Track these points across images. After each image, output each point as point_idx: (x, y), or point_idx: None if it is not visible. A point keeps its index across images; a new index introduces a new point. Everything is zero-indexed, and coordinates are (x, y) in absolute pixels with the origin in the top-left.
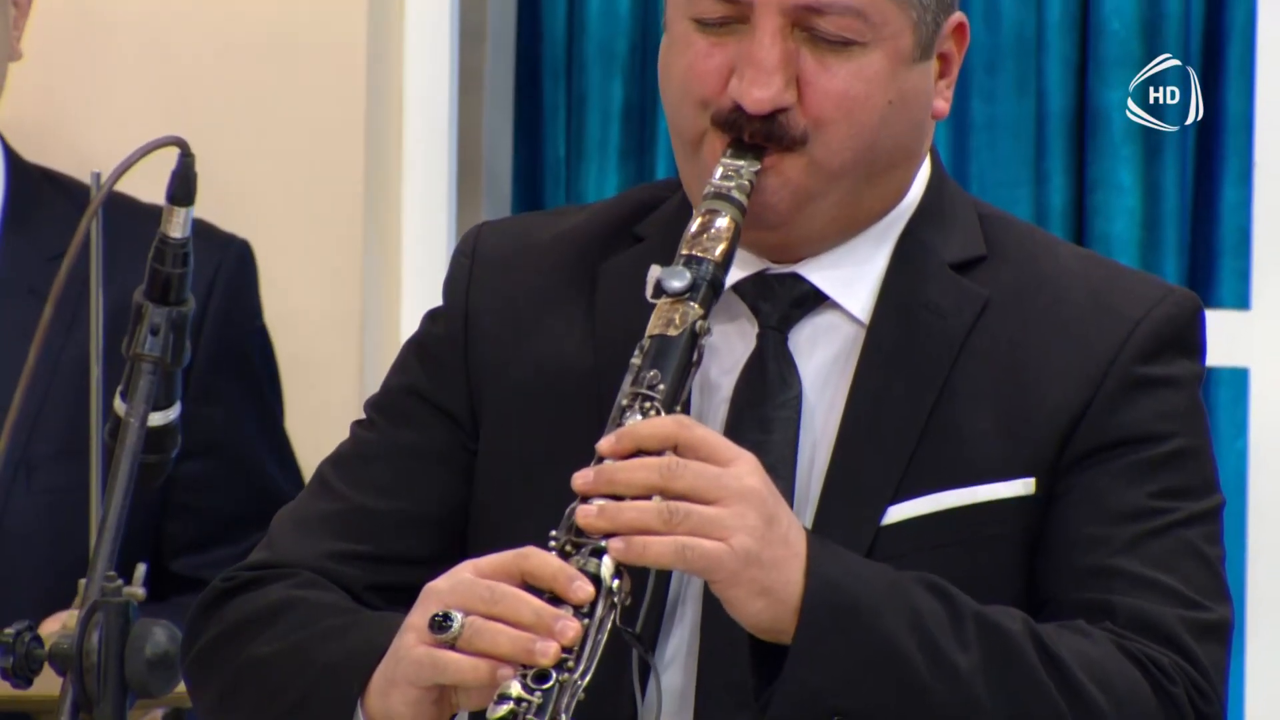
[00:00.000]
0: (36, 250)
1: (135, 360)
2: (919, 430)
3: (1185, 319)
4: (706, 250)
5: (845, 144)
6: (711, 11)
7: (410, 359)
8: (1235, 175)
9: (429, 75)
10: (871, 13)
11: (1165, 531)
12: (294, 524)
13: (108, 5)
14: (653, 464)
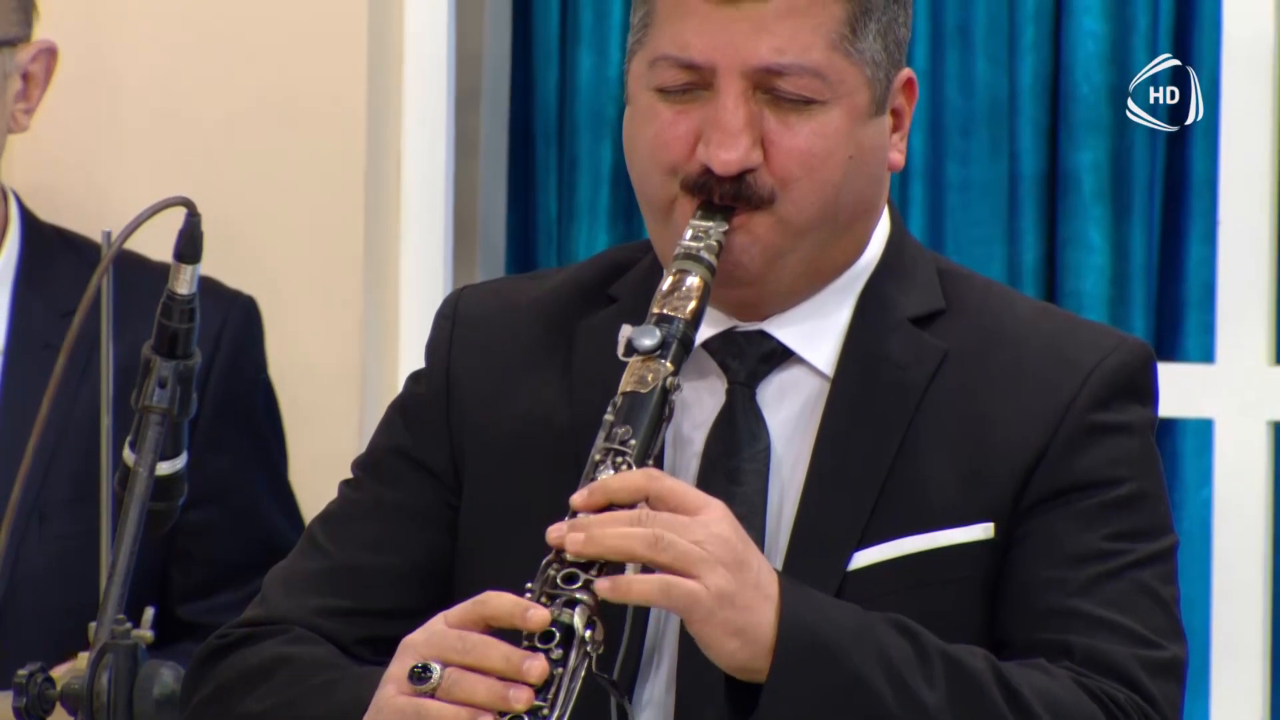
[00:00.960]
0: (50, 306)
1: (144, 412)
2: (882, 479)
3: (1137, 366)
4: (677, 309)
5: (811, 199)
6: (674, 80)
7: (395, 419)
8: (1200, 234)
9: (426, 139)
10: (829, 72)
11: (1120, 573)
12: (285, 582)
13: (118, 71)
14: (624, 516)
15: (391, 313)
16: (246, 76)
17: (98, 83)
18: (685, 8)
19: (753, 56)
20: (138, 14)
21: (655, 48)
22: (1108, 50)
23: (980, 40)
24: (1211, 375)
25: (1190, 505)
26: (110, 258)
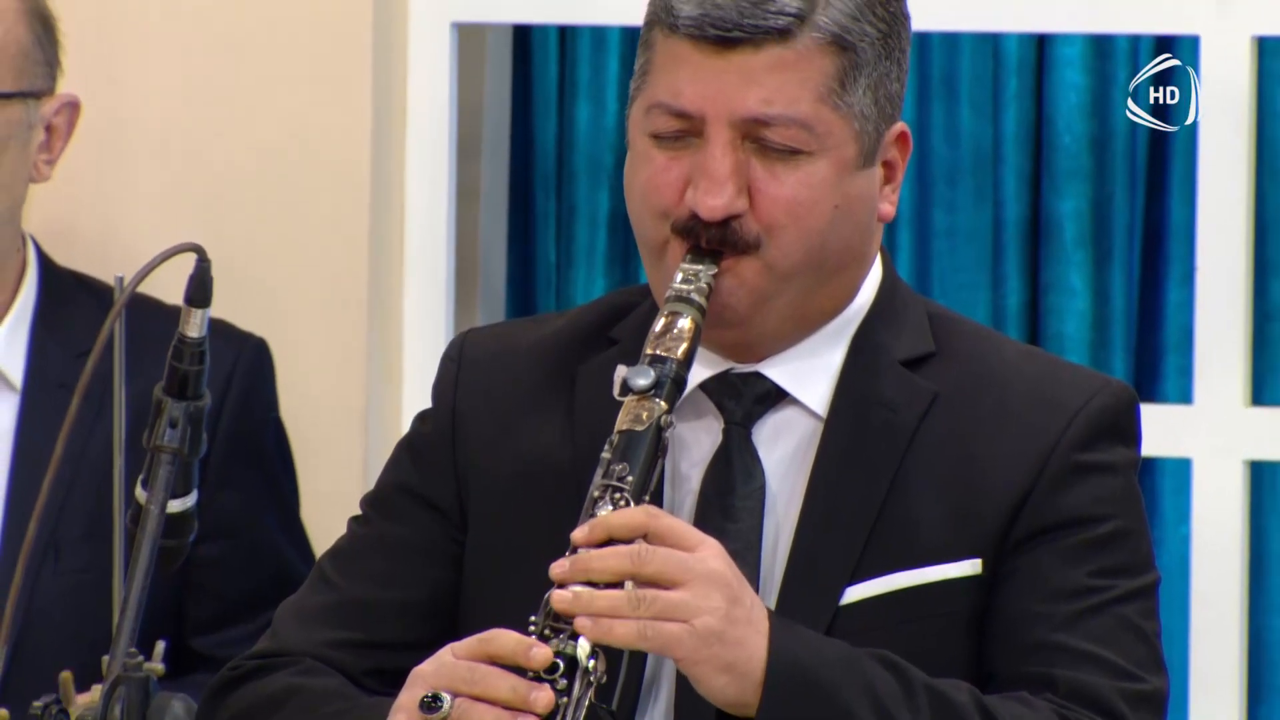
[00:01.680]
0: (66, 347)
1: (155, 451)
2: (873, 517)
3: (1121, 409)
4: (669, 350)
5: (796, 246)
6: (667, 127)
7: (402, 457)
8: (1178, 279)
9: (429, 187)
10: (816, 124)
11: (1104, 608)
12: (295, 615)
13: (134, 123)
14: (624, 551)
15: (395, 354)
16: (256, 127)
17: (114, 133)
18: (679, 58)
19: (741, 107)
20: (152, 68)
21: (651, 95)
22: (1088, 102)
23: (965, 91)
24: (1190, 416)
25: (1169, 542)
26: (123, 302)
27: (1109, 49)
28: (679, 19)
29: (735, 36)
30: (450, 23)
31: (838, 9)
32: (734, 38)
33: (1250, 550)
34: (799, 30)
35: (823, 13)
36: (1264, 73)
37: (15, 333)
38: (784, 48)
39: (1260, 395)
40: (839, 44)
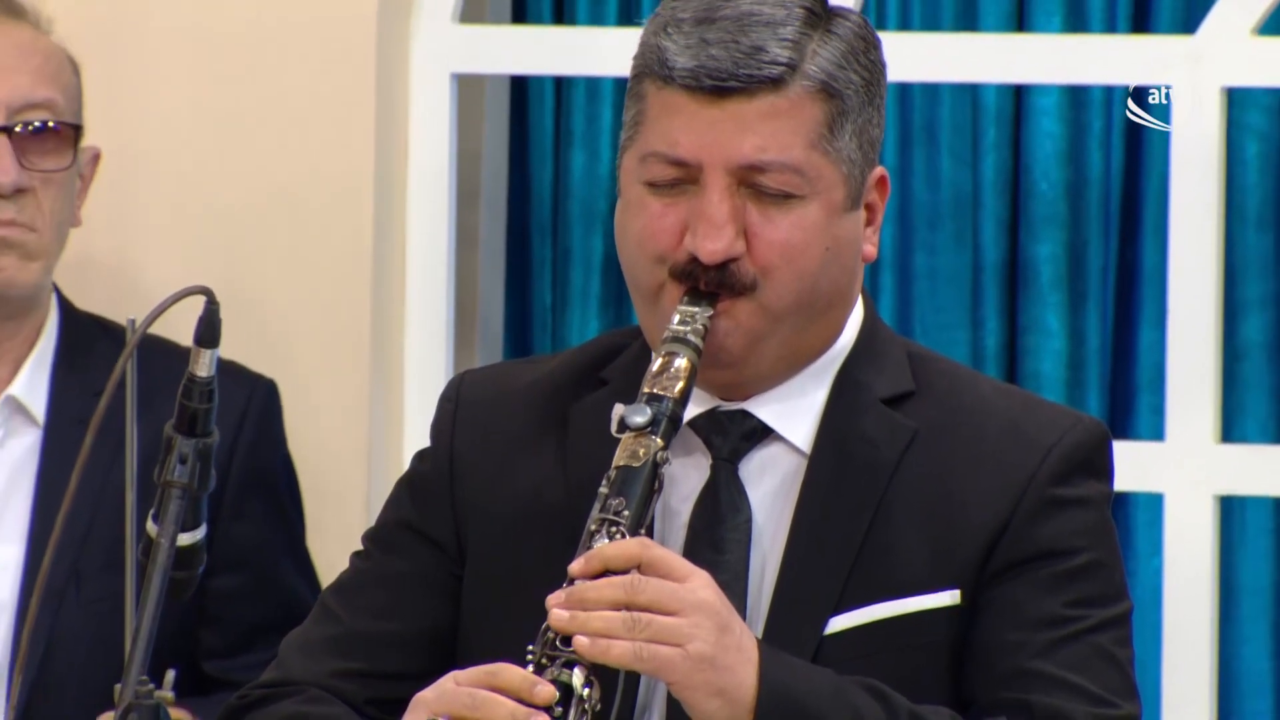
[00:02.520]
0: (85, 386)
1: (165, 487)
2: (856, 549)
3: (1093, 444)
4: (666, 389)
5: (790, 287)
6: (663, 175)
7: (402, 494)
8: (1151, 320)
9: (429, 233)
10: (808, 169)
11: (1078, 637)
12: (300, 647)
13: (145, 170)
14: (618, 582)
15: (397, 394)
16: (263, 175)
17: (127, 178)
18: (674, 107)
19: (737, 154)
20: (165, 116)
21: (646, 144)
22: (1064, 149)
23: (946, 140)
24: (1162, 452)
25: (1142, 573)
26: (134, 343)
27: (1084, 99)
28: (674, 70)
29: (731, 86)
30: (450, 74)
31: (825, 58)
32: (729, 87)
33: (1220, 582)
34: (790, 79)
35: (811, 62)
36: (1232, 122)
37: (38, 371)
38: (777, 96)
39: (1230, 432)
40: (827, 91)
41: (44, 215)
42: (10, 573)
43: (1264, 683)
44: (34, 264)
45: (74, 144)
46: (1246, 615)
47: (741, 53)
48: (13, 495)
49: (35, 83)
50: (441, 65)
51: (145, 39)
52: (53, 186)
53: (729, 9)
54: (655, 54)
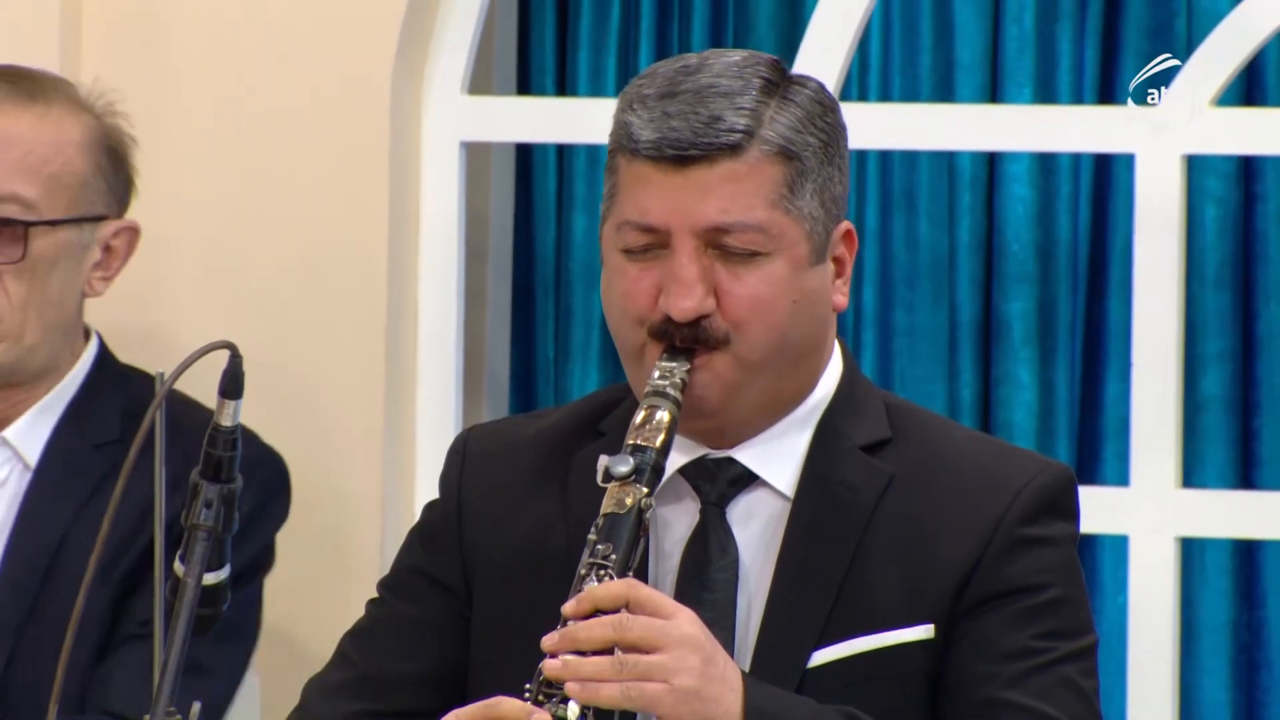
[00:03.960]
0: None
1: (191, 530)
2: (837, 587)
3: (1059, 487)
4: (648, 440)
5: (761, 339)
6: (637, 241)
7: (414, 542)
8: (1116, 373)
9: (439, 291)
10: (770, 227)
11: (1047, 668)
12: (320, 691)
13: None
14: (607, 621)
15: (409, 445)
16: (284, 237)
17: (157, 244)
18: (642, 178)
19: (701, 218)
20: (192, 184)
21: (620, 214)
22: (1035, 213)
23: (924, 204)
24: (1126, 497)
25: (1108, 611)
26: (163, 394)
27: (1052, 166)
28: (639, 144)
29: (691, 155)
30: (459, 142)
31: (782, 123)
32: (690, 155)
33: (1181, 618)
34: (748, 144)
35: (768, 127)
36: (1193, 188)
37: (39, 420)
38: (735, 161)
39: (1190, 478)
40: (785, 154)
41: (9, 301)
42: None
43: (1222, 713)
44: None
45: (24, 239)
46: (1206, 650)
47: (701, 123)
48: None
49: (3, 177)
50: (451, 134)
51: (174, 117)
52: (11, 275)
53: (689, 83)
54: (624, 129)
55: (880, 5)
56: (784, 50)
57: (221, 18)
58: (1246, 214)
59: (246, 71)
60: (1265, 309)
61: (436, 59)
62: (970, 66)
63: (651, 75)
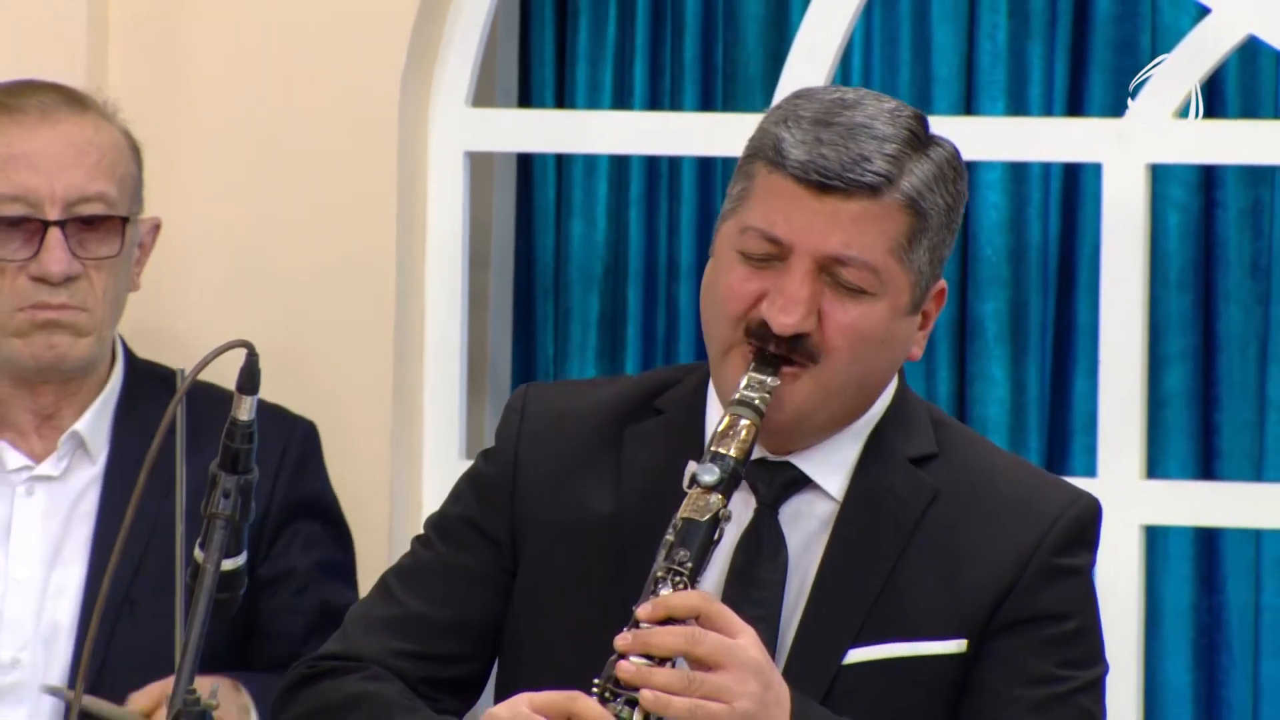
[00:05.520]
0: (144, 430)
1: (210, 518)
2: (877, 591)
3: (1089, 519)
4: (731, 449)
5: (846, 369)
6: (758, 248)
7: (466, 491)
8: (1085, 370)
9: (444, 295)
10: (883, 270)
11: (1066, 697)
12: (363, 622)
13: (192, 238)
14: (680, 632)
15: (416, 441)
16: (297, 244)
17: (176, 247)
18: (779, 192)
19: (825, 245)
20: (210, 192)
21: (747, 218)
22: (1007, 219)
23: None
24: (1094, 487)
25: None
26: (183, 390)
27: (1024, 174)
28: (787, 160)
29: (834, 185)
30: (463, 152)
31: (918, 177)
32: (832, 185)
33: (1146, 604)
34: (886, 189)
35: (907, 178)
36: (1156, 196)
37: (102, 414)
38: (870, 202)
39: (1154, 469)
40: (914, 208)
41: (96, 295)
42: (71, 594)
43: (1184, 694)
44: (85, 340)
45: (123, 232)
46: (1169, 633)
47: (849, 157)
48: (73, 524)
49: (89, 178)
50: (455, 144)
51: (193, 126)
52: (104, 269)
53: (844, 117)
54: (772, 141)
55: (862, 22)
56: (770, 65)
57: (240, 35)
58: (1207, 220)
59: (263, 86)
60: (1225, 310)
61: (442, 73)
62: (947, 80)
63: (809, 97)
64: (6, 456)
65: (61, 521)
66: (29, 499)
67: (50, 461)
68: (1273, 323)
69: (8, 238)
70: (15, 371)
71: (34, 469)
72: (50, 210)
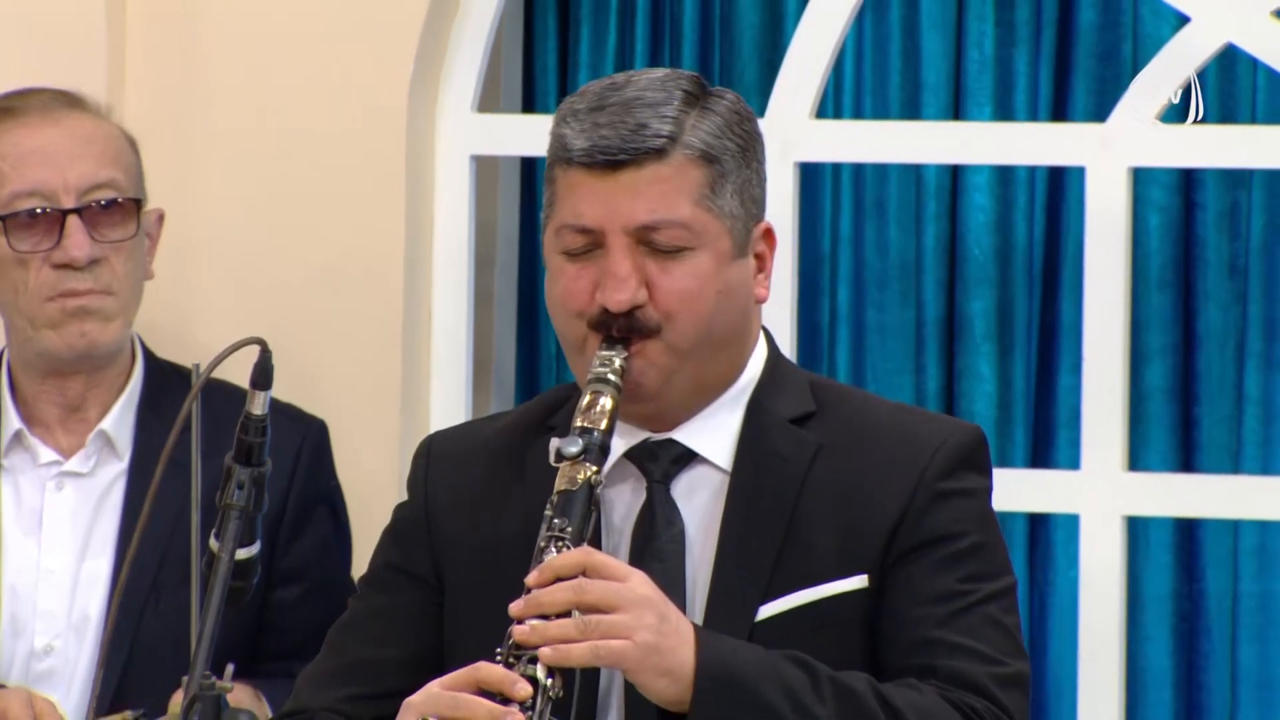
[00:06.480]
0: (167, 424)
1: (225, 509)
2: (777, 547)
3: (973, 445)
4: (594, 422)
5: (690, 327)
6: (575, 243)
7: (388, 541)
8: (1069, 367)
9: (451, 294)
10: (694, 224)
11: (971, 608)
12: (311, 680)
13: (207, 239)
14: (568, 586)
15: (424, 433)
16: (308, 245)
17: (191, 247)
18: (577, 184)
19: (631, 218)
20: (224, 195)
21: (559, 219)
22: (994, 220)
23: (893, 212)
24: (1078, 479)
25: (1060, 584)
26: (199, 385)
27: (1010, 177)
28: (573, 152)
29: (620, 159)
30: (469, 155)
31: (703, 130)
32: (619, 160)
33: (1128, 591)
34: (671, 149)
35: (690, 133)
36: (1138, 198)
37: (126, 410)
38: (661, 164)
39: (1136, 462)
40: (705, 158)
41: (119, 278)
42: (101, 585)
43: (1165, 678)
44: (114, 323)
45: (137, 214)
46: (1150, 620)
47: (628, 130)
48: (101, 518)
49: (99, 166)
50: (462, 148)
51: (208, 131)
52: (123, 252)
53: (616, 96)
54: (559, 142)
55: (854, 31)
56: (766, 72)
57: (254, 44)
58: (1187, 221)
59: (277, 93)
60: (1204, 308)
61: (448, 81)
62: (935, 87)
63: (583, 93)
64: (38, 451)
65: (90, 515)
66: (59, 493)
67: (79, 458)
68: (1250, 321)
69: (29, 231)
70: (48, 364)
71: (63, 464)
72: (65, 199)
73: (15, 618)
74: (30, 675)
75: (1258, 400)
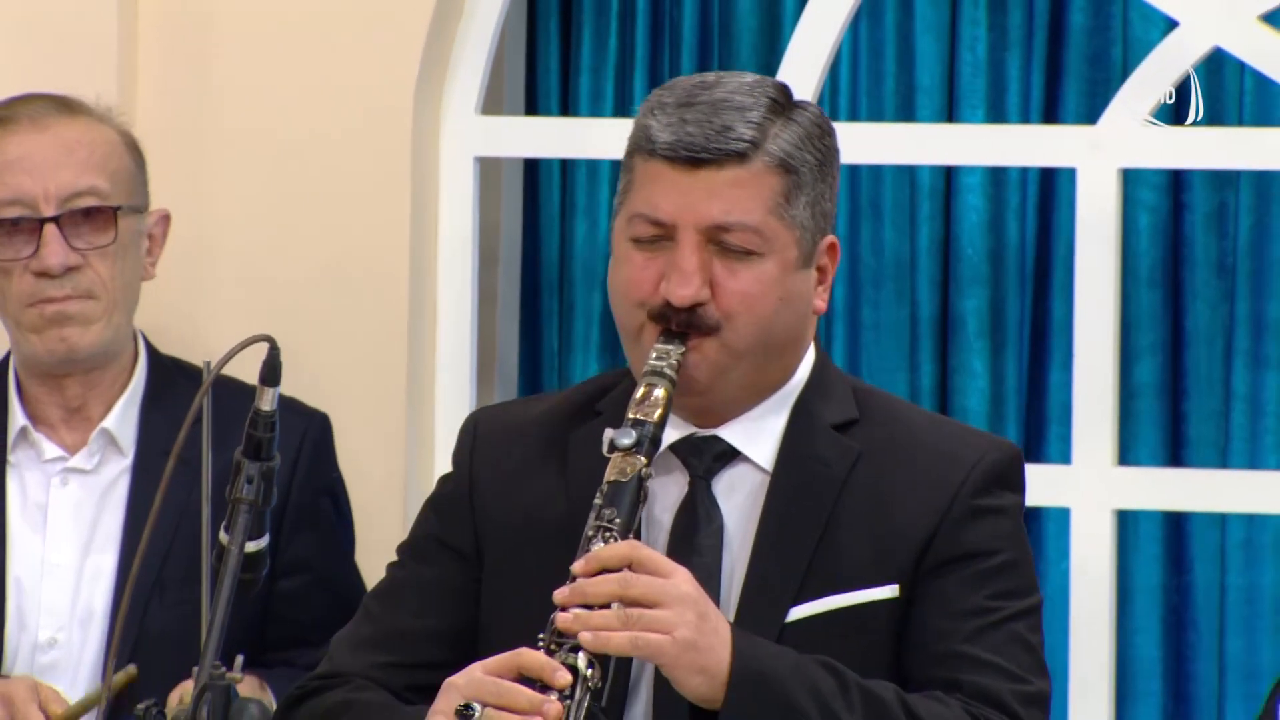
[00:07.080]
0: (171, 421)
1: (234, 503)
2: (811, 550)
3: (1008, 462)
4: (647, 415)
5: (748, 330)
6: (646, 232)
7: (428, 512)
8: (1060, 363)
9: (455, 292)
10: (766, 230)
11: (998, 625)
12: (347, 644)
13: (215, 238)
14: (613, 578)
15: (428, 429)
16: (316, 245)
17: (200, 247)
18: (656, 175)
19: (705, 216)
20: (232, 195)
21: (632, 207)
22: (987, 221)
23: (888, 213)
24: (1068, 474)
25: (1052, 575)
26: (209, 381)
27: (1003, 178)
28: (656, 144)
29: (703, 158)
30: (473, 157)
31: (784, 139)
32: (701, 158)
33: (1118, 583)
34: (753, 154)
35: (772, 141)
36: (1128, 198)
37: (129, 408)
38: (741, 168)
39: (1125, 457)
40: (784, 167)
41: (102, 282)
42: (106, 579)
43: (1154, 668)
44: (94, 327)
45: (114, 221)
46: (1140, 611)
47: (714, 130)
48: (105, 513)
49: (78, 175)
50: (466, 150)
51: (217, 134)
52: (107, 257)
53: (705, 96)
54: (643, 132)
55: (849, 34)
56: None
57: (263, 48)
58: (1176, 221)
59: (285, 96)
60: (1192, 306)
61: (453, 83)
62: (929, 89)
63: (672, 87)
64: (43, 447)
65: (94, 510)
66: (64, 489)
67: (83, 455)
68: (1238, 318)
69: (10, 240)
70: (38, 368)
71: (67, 460)
72: (45, 207)
73: (20, 611)
74: (34, 668)
75: (1245, 396)
